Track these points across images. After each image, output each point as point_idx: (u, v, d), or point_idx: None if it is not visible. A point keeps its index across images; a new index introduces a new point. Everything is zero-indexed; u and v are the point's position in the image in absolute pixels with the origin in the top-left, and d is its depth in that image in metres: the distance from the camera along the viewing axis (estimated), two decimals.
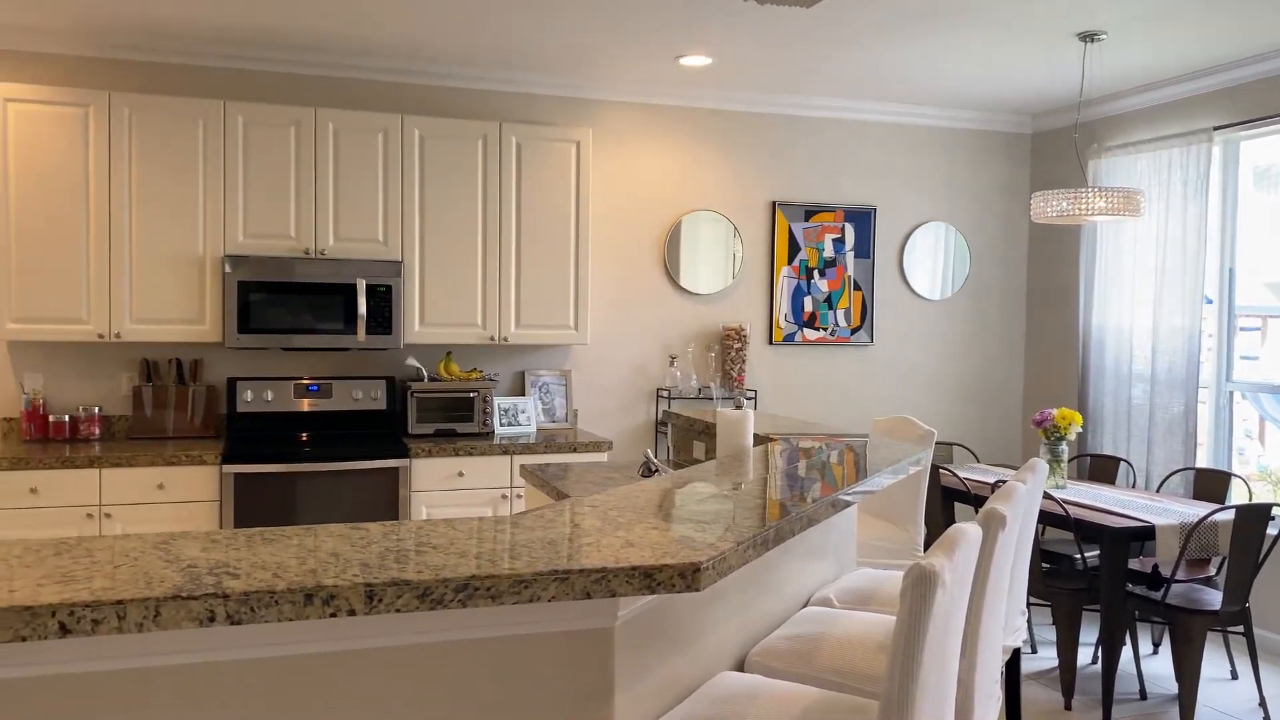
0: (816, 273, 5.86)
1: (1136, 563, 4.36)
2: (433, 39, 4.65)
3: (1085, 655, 4.68)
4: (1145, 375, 5.35)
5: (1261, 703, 4.05)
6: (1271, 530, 4.37)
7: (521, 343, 5.06)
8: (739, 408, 3.03)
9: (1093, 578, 4.19)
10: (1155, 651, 4.77)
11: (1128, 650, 4.64)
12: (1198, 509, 4.15)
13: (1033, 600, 4.65)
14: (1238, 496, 4.68)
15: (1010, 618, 2.58)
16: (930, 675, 1.61)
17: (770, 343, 5.82)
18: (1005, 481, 2.63)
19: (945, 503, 4.76)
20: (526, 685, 1.66)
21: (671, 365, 5.61)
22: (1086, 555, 4.34)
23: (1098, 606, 4.09)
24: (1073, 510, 4.11)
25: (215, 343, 4.63)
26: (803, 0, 3.93)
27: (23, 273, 4.34)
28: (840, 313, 5.91)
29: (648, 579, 1.55)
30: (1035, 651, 4.74)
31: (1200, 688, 4.17)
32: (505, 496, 4.70)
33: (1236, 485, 4.63)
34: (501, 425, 5.08)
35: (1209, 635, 4.67)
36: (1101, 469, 5.23)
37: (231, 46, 4.80)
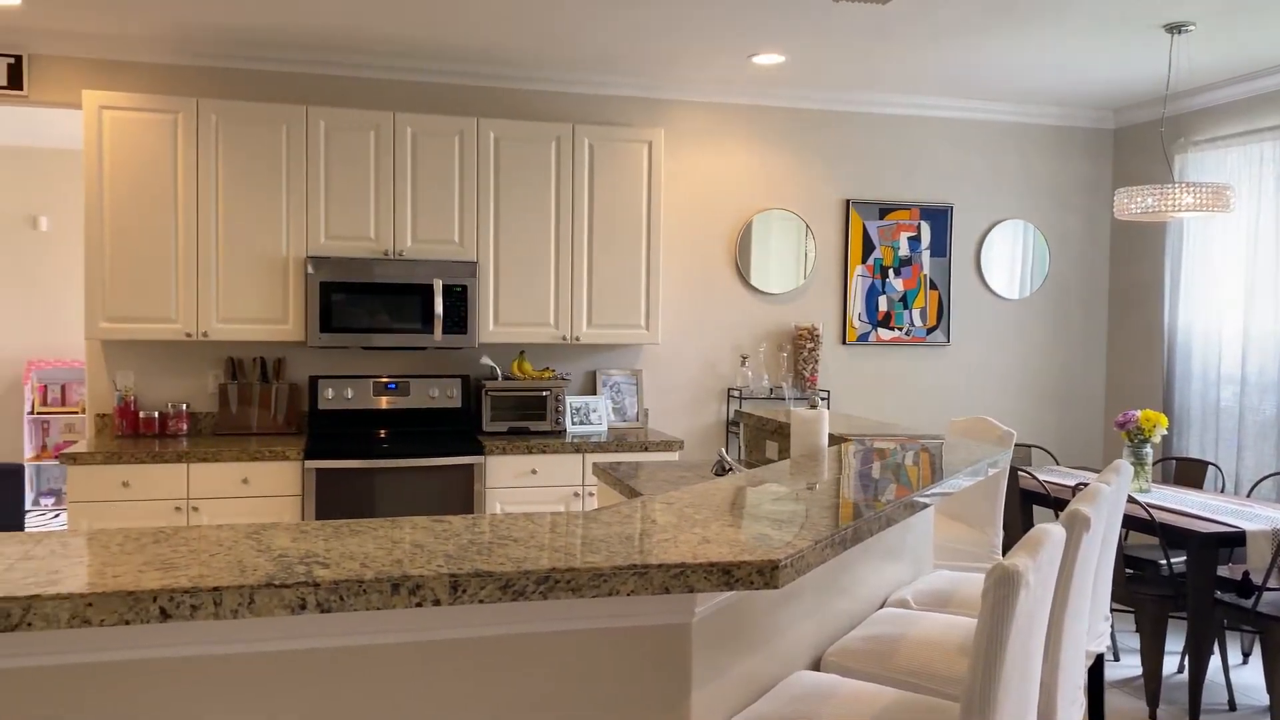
0: (891, 271, 5.79)
1: (1226, 569, 4.22)
2: (508, 42, 4.71)
3: (1170, 664, 4.55)
4: (1235, 377, 5.17)
5: None
6: None
7: (593, 342, 5.09)
8: (813, 407, 3.01)
9: (1179, 584, 4.07)
10: (1245, 661, 4.61)
11: (1215, 659, 4.50)
12: None
13: (1116, 606, 4.54)
14: None
15: (1094, 622, 2.52)
16: (1012, 677, 1.59)
17: (843, 342, 5.77)
18: (1086, 484, 2.57)
19: (1024, 506, 4.67)
20: (604, 679, 1.68)
21: (743, 365, 5.59)
22: (1172, 561, 4.21)
23: (1184, 614, 3.97)
24: (1158, 514, 4.00)
25: (298, 342, 4.75)
26: None
27: (116, 274, 4.50)
28: (916, 312, 5.83)
29: (726, 575, 1.56)
30: (1118, 659, 4.62)
31: None
32: (577, 494, 4.74)
33: None
34: (573, 424, 5.12)
35: None
36: (1188, 473, 5.07)
37: (313, 53, 4.92)
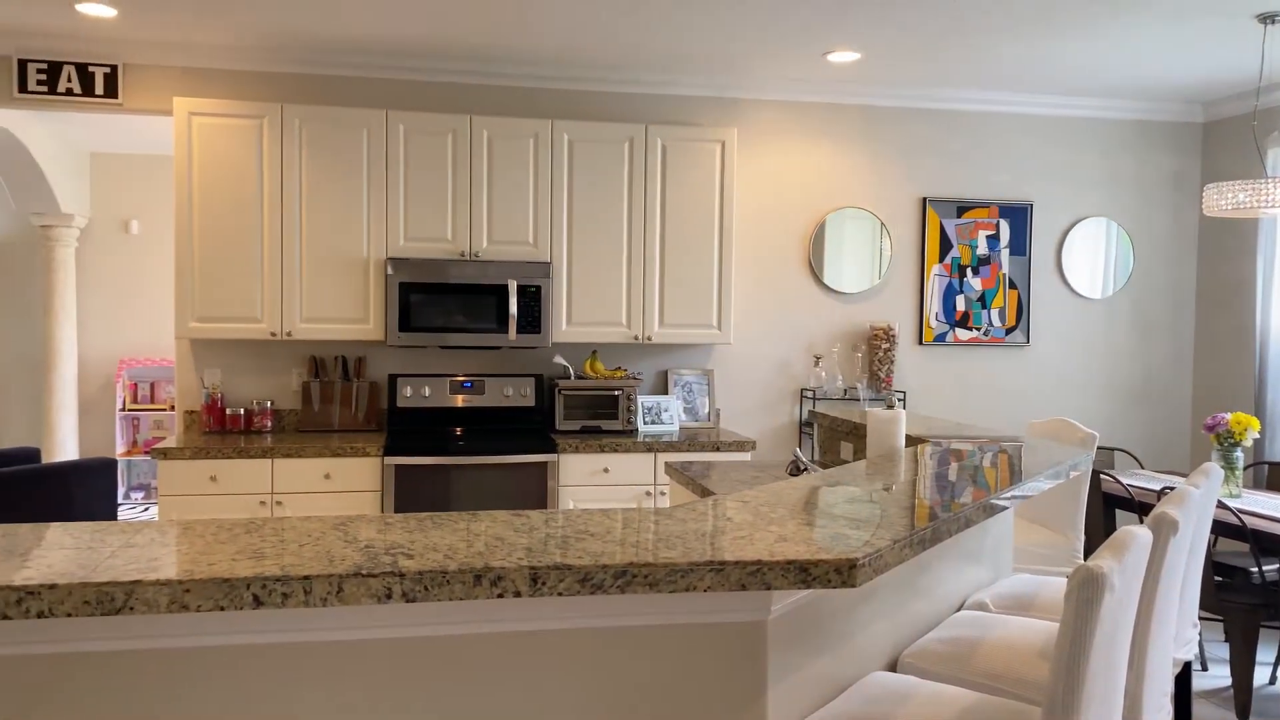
0: (969, 270, 5.70)
1: None
2: (582, 45, 4.75)
3: (1261, 675, 4.40)
4: None
5: None
6: None
7: (665, 342, 5.11)
8: (890, 408, 2.98)
9: (1271, 592, 3.93)
10: None
11: None
12: None
13: (1204, 615, 4.40)
14: None
15: (1181, 629, 2.46)
16: (1096, 683, 1.56)
17: (920, 343, 5.69)
18: (1173, 488, 2.50)
19: (1106, 510, 4.55)
20: (680, 675, 1.69)
21: (816, 365, 5.56)
22: (1265, 569, 4.07)
23: (1276, 623, 3.83)
24: (1249, 520, 3.87)
25: (378, 341, 4.86)
26: None
27: (204, 275, 4.66)
28: (994, 312, 5.73)
29: (803, 573, 1.55)
30: (1206, 669, 4.48)
31: None
32: (649, 493, 4.76)
33: None
34: (645, 423, 5.14)
35: None
36: None
37: (392, 58, 5.02)
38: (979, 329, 5.72)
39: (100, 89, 4.83)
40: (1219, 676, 4.39)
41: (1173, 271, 5.99)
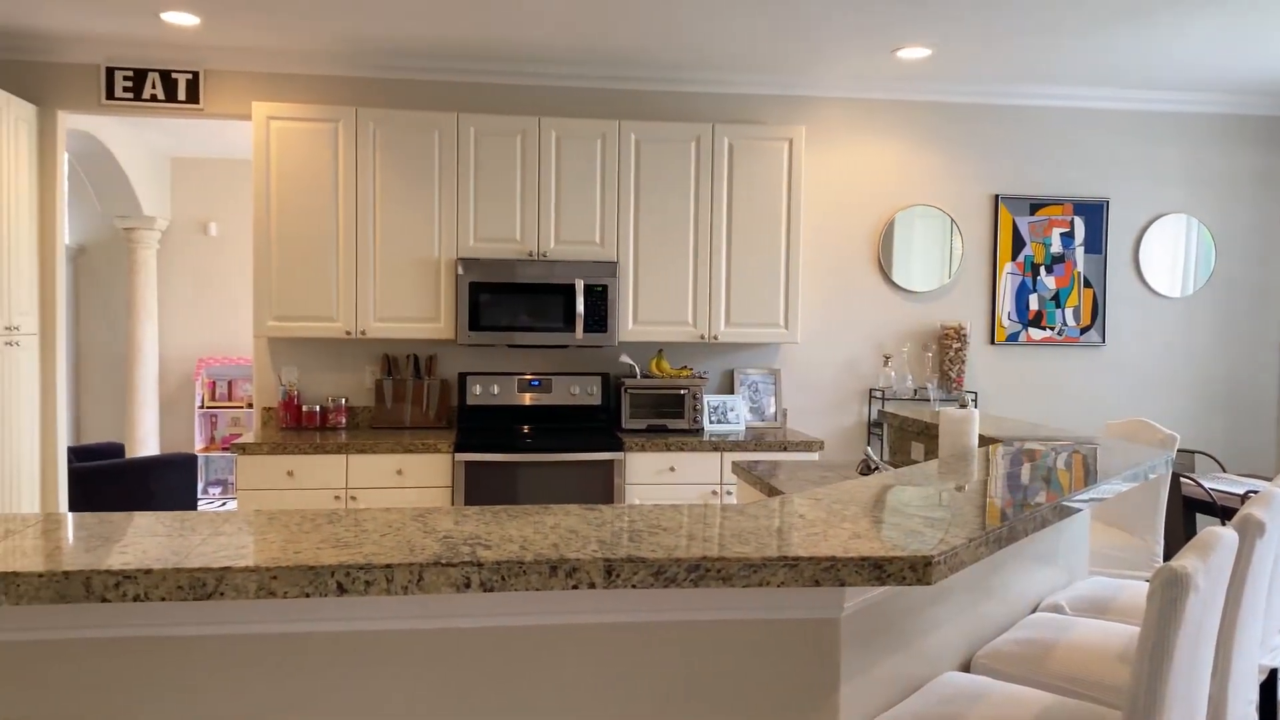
0: (1043, 269, 5.59)
1: None
2: (649, 45, 4.77)
3: None
4: None
5: None
6: None
7: (731, 341, 5.10)
8: (963, 407, 2.94)
9: None
10: None
11: None
12: None
13: None
14: None
15: (1267, 635, 2.39)
16: (1179, 686, 1.53)
17: (991, 342, 5.60)
18: (1257, 492, 2.43)
19: (1186, 514, 4.43)
20: (752, 670, 1.69)
21: (885, 365, 5.50)
22: None
23: None
24: None
25: (448, 340, 4.93)
26: None
27: (281, 276, 4.77)
28: (1069, 311, 5.61)
29: (877, 570, 1.55)
30: None
31: None
32: (715, 492, 4.76)
33: None
34: (711, 422, 5.14)
35: None
36: None
37: (463, 61, 5.10)
38: (1053, 328, 5.61)
39: (183, 95, 4.98)
40: None
41: (1257, 270, 5.80)
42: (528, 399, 5.14)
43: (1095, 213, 5.62)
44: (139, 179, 7.41)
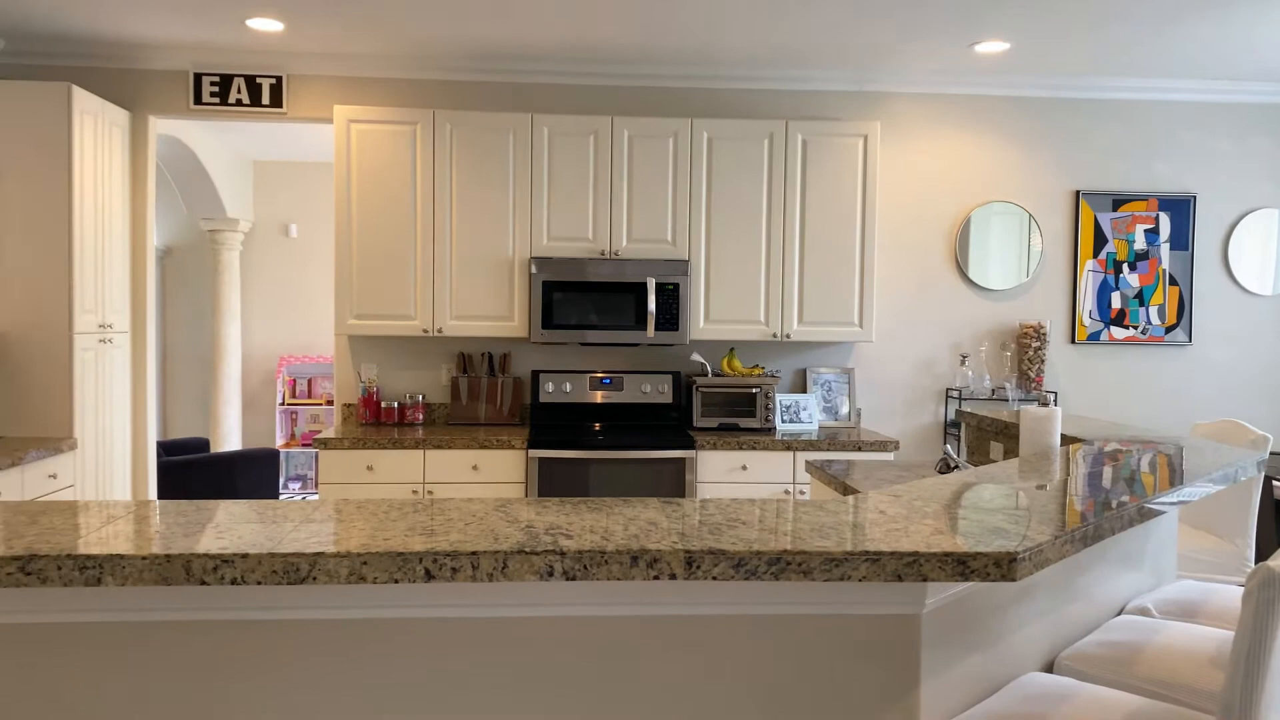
0: (1126, 266, 5.45)
1: None
2: (722, 43, 4.77)
3: None
4: None
5: None
6: None
7: (804, 339, 5.07)
8: (1044, 406, 2.89)
9: None
10: None
11: None
12: None
13: None
14: None
15: None
16: (1276, 690, 1.48)
17: (1072, 341, 5.48)
18: None
19: (1279, 517, 4.28)
20: (831, 665, 1.68)
21: (962, 364, 5.42)
22: None
23: None
24: None
25: (521, 338, 4.99)
26: None
27: (362, 275, 4.88)
28: (1153, 309, 5.46)
29: (961, 565, 1.53)
30: None
31: None
32: (788, 492, 4.73)
33: None
34: (783, 422, 5.11)
35: None
36: None
37: (536, 63, 5.15)
38: (1136, 327, 5.47)
39: (266, 99, 5.12)
40: None
41: None
42: (599, 397, 5.18)
43: (1181, 208, 5.46)
44: (223, 182, 7.63)
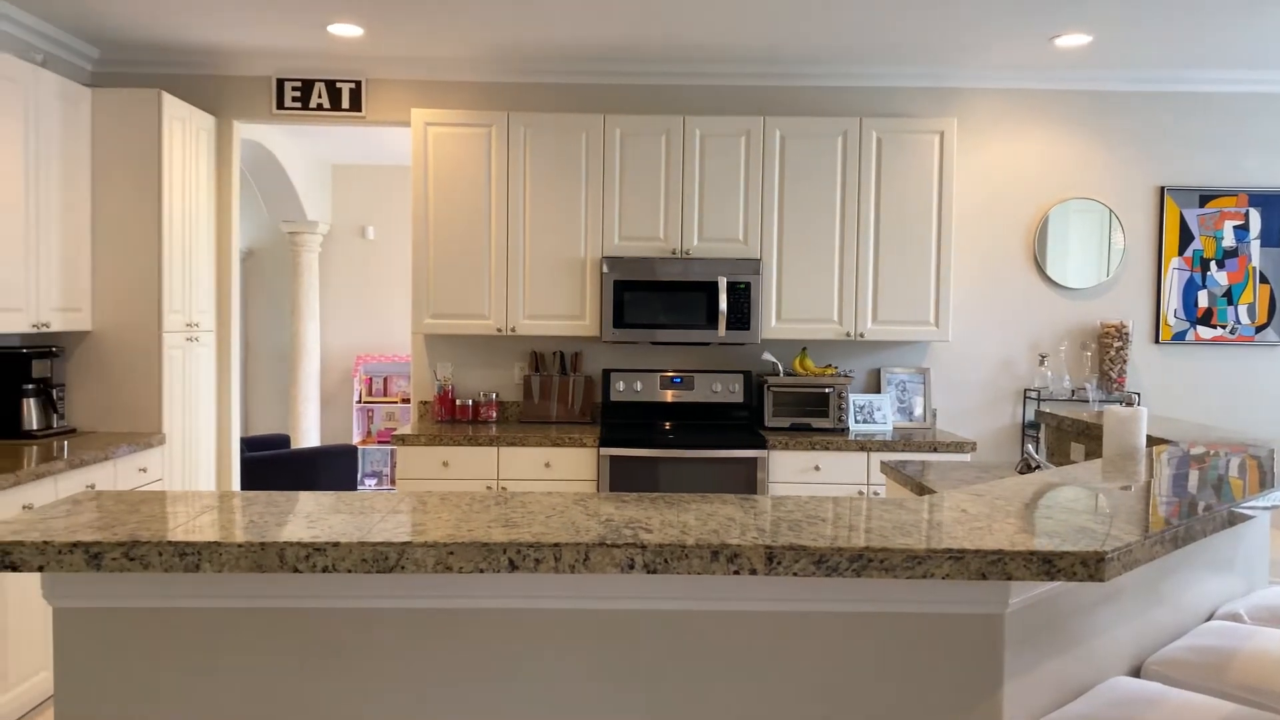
0: (1213, 264, 5.28)
1: None
2: (794, 41, 4.74)
3: None
4: None
5: None
6: None
7: (878, 339, 5.02)
8: (1129, 406, 2.82)
9: None
10: None
11: None
12: None
13: None
14: None
15: None
16: None
17: (1156, 341, 5.33)
18: None
19: None
20: (913, 664, 1.67)
21: (1041, 365, 5.31)
22: None
23: None
24: None
25: (593, 337, 5.02)
26: None
27: (438, 276, 4.96)
28: (1242, 308, 5.28)
29: (1047, 564, 1.51)
30: None
31: None
32: (861, 493, 4.69)
33: None
34: (856, 422, 5.06)
35: None
36: None
37: (608, 64, 5.18)
38: (1224, 326, 5.30)
39: (346, 103, 5.24)
40: None
41: None
42: (669, 396, 5.19)
43: (1273, 203, 5.27)
44: (303, 185, 7.82)
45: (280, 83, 5.22)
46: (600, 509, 1.74)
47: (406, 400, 8.33)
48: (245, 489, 5.79)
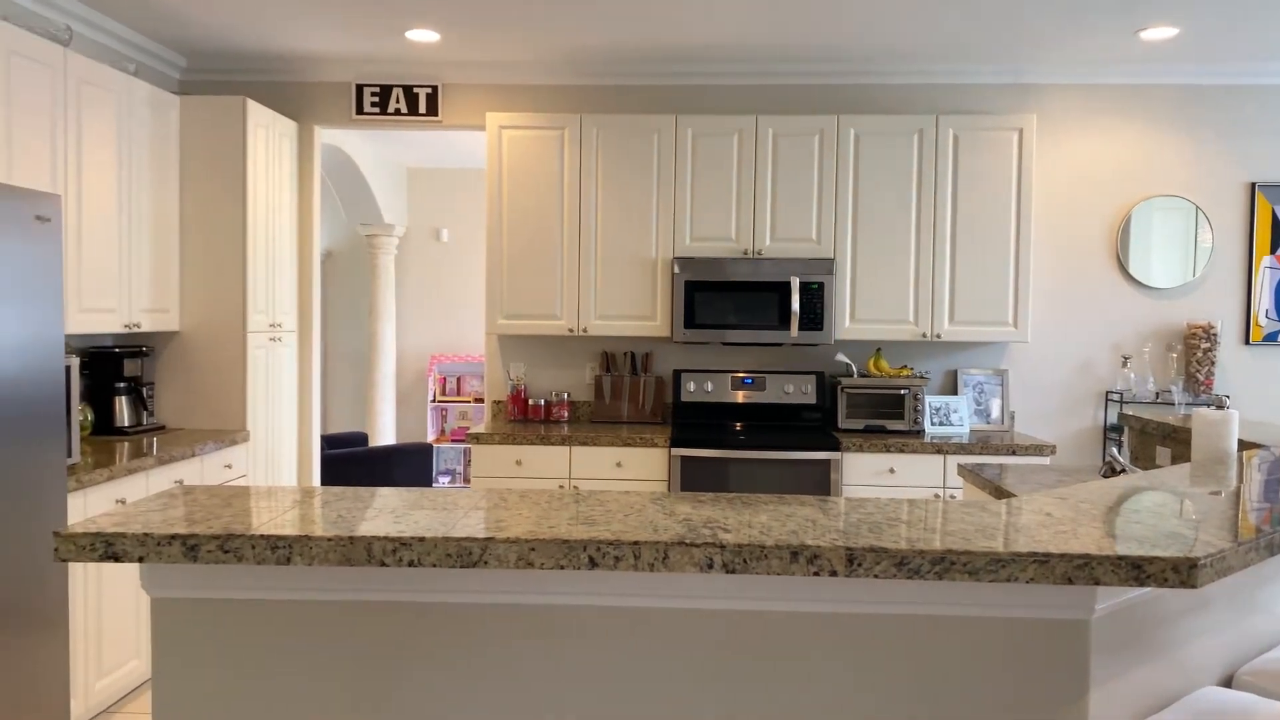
0: None
1: None
2: (867, 39, 4.69)
3: None
4: None
5: None
6: None
7: (955, 340, 4.94)
8: (1219, 408, 2.74)
9: None
10: None
11: None
12: None
13: None
14: None
15: None
16: None
17: (1246, 342, 5.16)
18: None
19: None
20: (996, 669, 1.65)
21: (1124, 366, 5.17)
22: None
23: None
24: None
25: (664, 337, 5.04)
26: None
27: (511, 277, 5.02)
28: None
29: (1136, 570, 1.48)
30: None
31: None
32: (938, 496, 4.62)
33: None
34: (932, 424, 4.99)
35: None
36: None
37: (680, 64, 5.19)
38: None
39: (423, 108, 5.33)
40: None
41: None
42: (740, 396, 5.18)
43: None
44: (379, 188, 7.98)
45: (359, 88, 5.33)
46: (677, 508, 1.74)
47: (479, 400, 8.44)
48: (325, 485, 5.93)
